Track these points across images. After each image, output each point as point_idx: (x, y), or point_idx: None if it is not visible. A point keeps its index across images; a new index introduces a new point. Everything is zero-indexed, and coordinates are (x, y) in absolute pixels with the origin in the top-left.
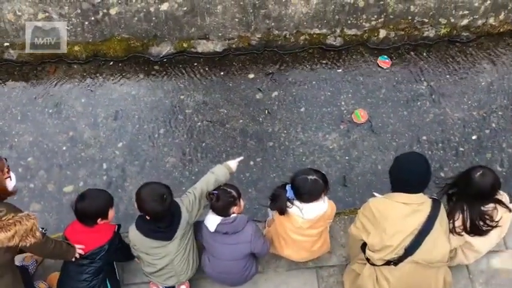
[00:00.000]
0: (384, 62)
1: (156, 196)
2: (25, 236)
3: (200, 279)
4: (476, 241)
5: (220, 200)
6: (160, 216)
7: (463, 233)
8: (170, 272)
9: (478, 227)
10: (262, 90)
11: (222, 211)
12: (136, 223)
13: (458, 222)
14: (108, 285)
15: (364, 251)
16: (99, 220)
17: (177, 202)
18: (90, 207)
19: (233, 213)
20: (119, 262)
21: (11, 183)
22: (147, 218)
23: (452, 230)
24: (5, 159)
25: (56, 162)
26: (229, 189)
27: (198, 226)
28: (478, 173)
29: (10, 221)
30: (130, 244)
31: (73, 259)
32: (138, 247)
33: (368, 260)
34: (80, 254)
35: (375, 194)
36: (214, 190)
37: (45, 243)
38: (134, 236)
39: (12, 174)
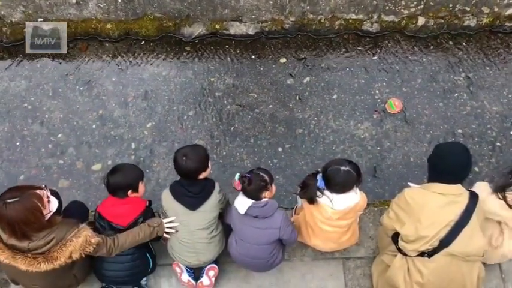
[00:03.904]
0: None
1: (179, 154)
2: (82, 249)
3: (226, 263)
4: None
5: (253, 183)
6: (182, 174)
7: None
8: (190, 248)
9: None
10: (293, 76)
11: (253, 195)
12: (170, 185)
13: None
14: (149, 257)
15: (395, 242)
16: (129, 192)
17: (214, 183)
18: (122, 177)
19: (264, 197)
20: (152, 241)
21: (53, 205)
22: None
23: (504, 199)
24: (45, 186)
25: (85, 139)
26: (261, 173)
27: (227, 208)
28: None
29: (63, 247)
30: (160, 209)
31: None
32: (166, 208)
33: (400, 250)
34: (117, 229)
35: (410, 184)
36: (247, 173)
37: (111, 242)
38: (165, 197)
39: (52, 198)
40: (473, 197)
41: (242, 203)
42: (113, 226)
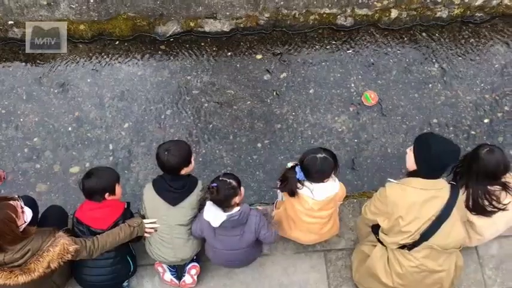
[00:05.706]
0: None
1: (162, 148)
2: (60, 257)
3: (208, 261)
4: (479, 221)
5: (221, 193)
6: (164, 169)
7: (465, 210)
8: (168, 243)
9: (481, 206)
10: (270, 71)
11: (223, 203)
12: (153, 179)
13: (462, 197)
14: (130, 260)
15: (375, 233)
16: (106, 195)
17: (197, 180)
18: (97, 181)
19: (235, 203)
20: (132, 242)
21: (27, 216)
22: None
23: None
24: (18, 196)
25: (62, 142)
26: (228, 180)
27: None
28: (485, 150)
29: (40, 258)
30: (141, 205)
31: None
32: (147, 203)
33: (380, 241)
34: (98, 233)
35: (390, 180)
36: (212, 181)
37: (90, 245)
38: (147, 191)
39: (26, 208)
40: (455, 190)
41: (215, 217)
42: (93, 230)
